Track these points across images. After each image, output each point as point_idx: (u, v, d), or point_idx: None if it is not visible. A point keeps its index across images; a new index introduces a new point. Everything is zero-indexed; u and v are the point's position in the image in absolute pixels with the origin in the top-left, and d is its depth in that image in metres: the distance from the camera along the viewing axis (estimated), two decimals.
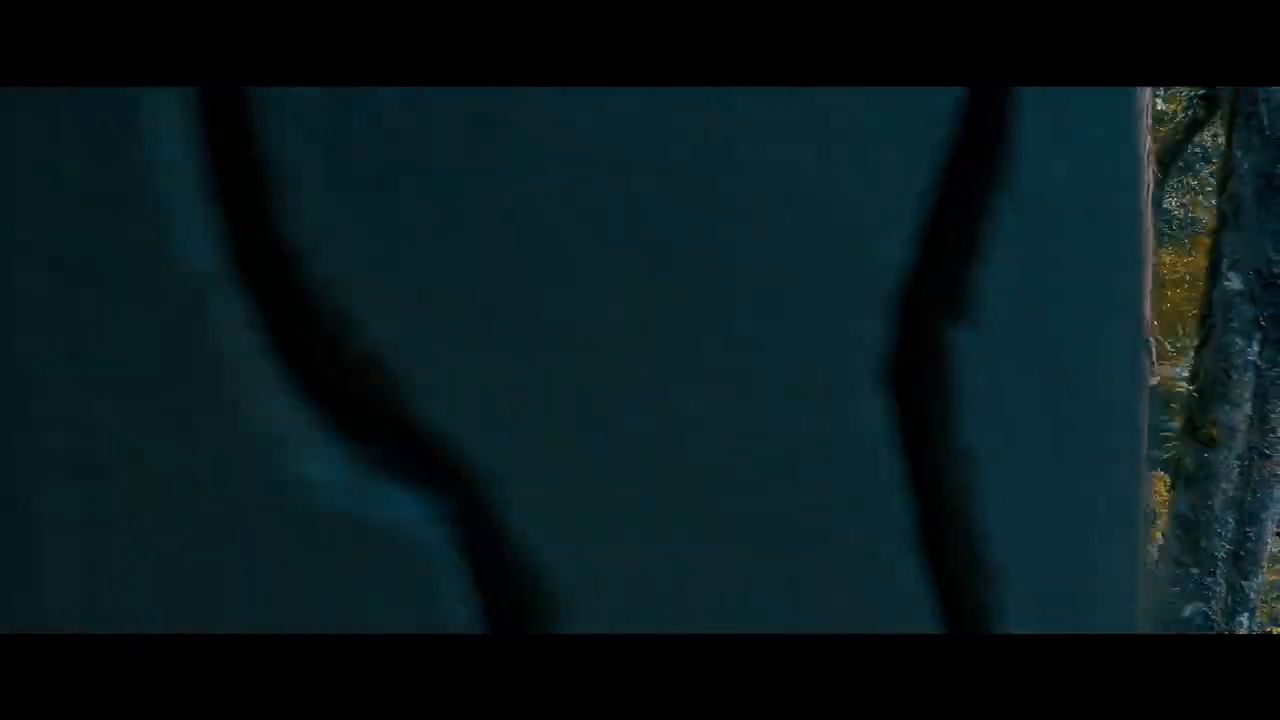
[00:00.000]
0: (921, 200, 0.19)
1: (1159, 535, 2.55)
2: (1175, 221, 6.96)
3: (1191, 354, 2.71)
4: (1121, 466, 0.23)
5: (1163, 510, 2.71)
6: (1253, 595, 2.43)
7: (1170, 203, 6.43)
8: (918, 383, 0.20)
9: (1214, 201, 2.77)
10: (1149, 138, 0.25)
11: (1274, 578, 5.65)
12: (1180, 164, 5.72)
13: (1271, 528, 2.41)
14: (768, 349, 0.18)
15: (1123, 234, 0.22)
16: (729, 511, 0.18)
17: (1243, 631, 2.41)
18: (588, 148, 0.17)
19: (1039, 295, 0.21)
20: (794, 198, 0.18)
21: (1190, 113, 5.17)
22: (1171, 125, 5.45)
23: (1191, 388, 2.48)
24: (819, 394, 0.19)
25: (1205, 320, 2.45)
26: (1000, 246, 0.20)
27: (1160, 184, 5.55)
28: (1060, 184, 0.21)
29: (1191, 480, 2.45)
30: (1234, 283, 2.37)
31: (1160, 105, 5.57)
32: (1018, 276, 0.21)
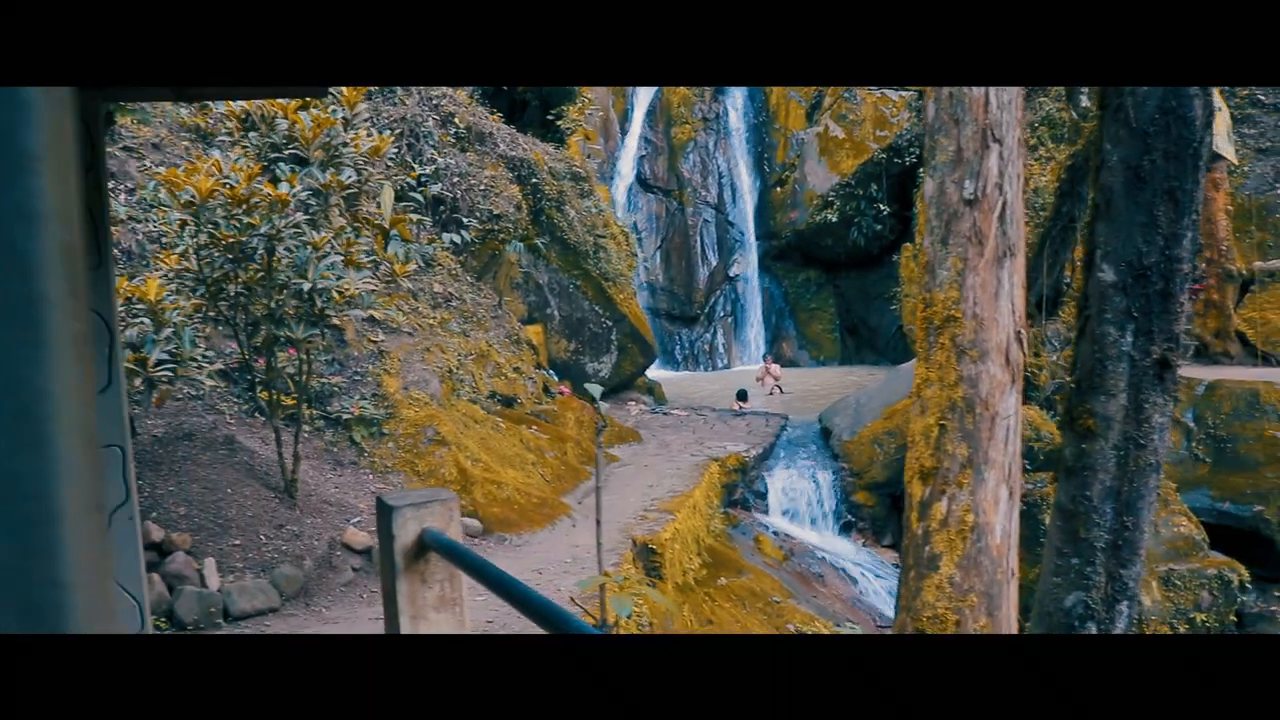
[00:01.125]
0: None
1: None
2: None
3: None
4: None
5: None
6: (1132, 584, 2.45)
7: None
8: None
9: None
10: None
11: (1195, 564, 5.74)
12: None
13: (1149, 516, 2.43)
14: None
15: None
16: None
17: (1123, 620, 2.43)
18: None
19: None
20: None
21: None
22: None
23: (1069, 379, 2.49)
24: None
25: (1081, 311, 2.47)
26: None
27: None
28: None
29: (1070, 471, 2.47)
30: (1107, 274, 2.39)
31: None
32: None
